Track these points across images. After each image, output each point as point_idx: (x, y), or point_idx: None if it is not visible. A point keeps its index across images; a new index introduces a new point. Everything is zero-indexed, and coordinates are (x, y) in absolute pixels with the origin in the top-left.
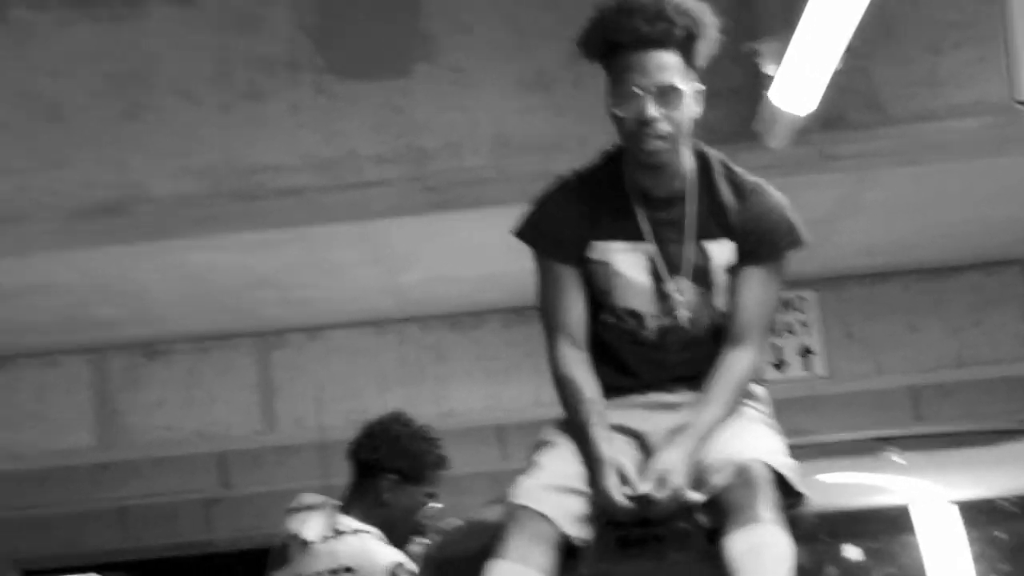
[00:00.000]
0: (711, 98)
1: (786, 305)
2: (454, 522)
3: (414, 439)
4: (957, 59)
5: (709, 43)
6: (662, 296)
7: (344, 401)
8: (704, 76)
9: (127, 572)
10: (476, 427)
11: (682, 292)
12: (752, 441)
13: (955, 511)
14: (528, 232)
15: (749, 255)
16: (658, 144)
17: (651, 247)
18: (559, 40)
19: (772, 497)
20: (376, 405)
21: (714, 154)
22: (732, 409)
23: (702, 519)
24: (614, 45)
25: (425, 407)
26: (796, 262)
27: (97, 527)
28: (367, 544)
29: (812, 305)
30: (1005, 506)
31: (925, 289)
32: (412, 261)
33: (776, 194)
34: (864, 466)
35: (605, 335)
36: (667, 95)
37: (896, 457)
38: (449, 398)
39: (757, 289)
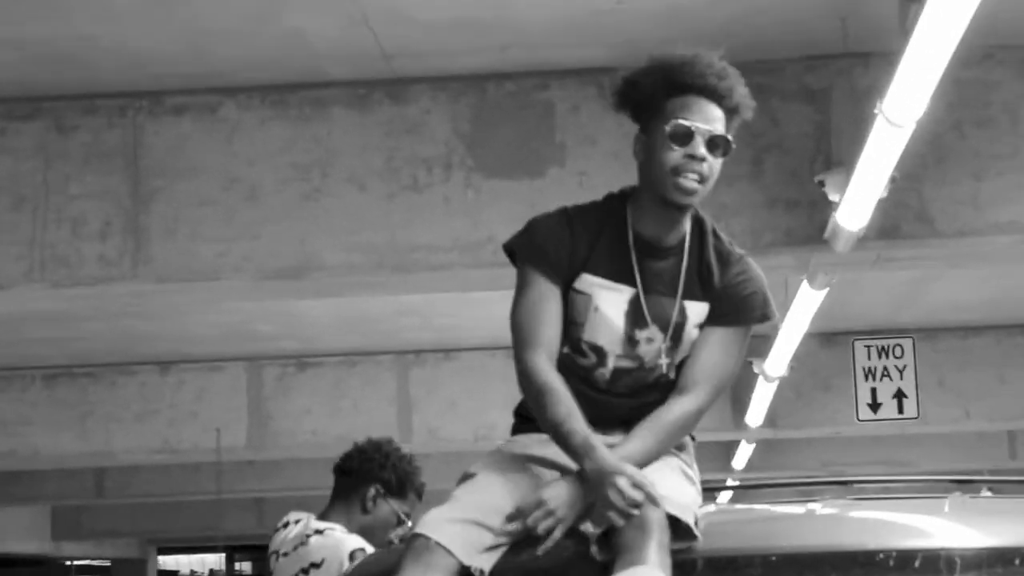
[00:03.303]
0: (793, 207)
1: (883, 352)
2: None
3: (403, 460)
4: (998, 185)
5: (740, 123)
6: (631, 342)
7: (473, 416)
8: (790, 190)
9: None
10: None
11: (651, 341)
12: (656, 483)
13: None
14: (520, 244)
15: (720, 317)
16: (696, 185)
17: (636, 292)
18: None
19: (661, 538)
20: (502, 420)
21: (708, 218)
22: (654, 452)
23: (595, 551)
24: (675, 88)
25: None
26: (894, 313)
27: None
28: (332, 537)
29: (908, 353)
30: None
31: (1016, 344)
32: None
33: (757, 269)
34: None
35: (560, 371)
36: (716, 144)
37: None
38: None
39: (716, 348)
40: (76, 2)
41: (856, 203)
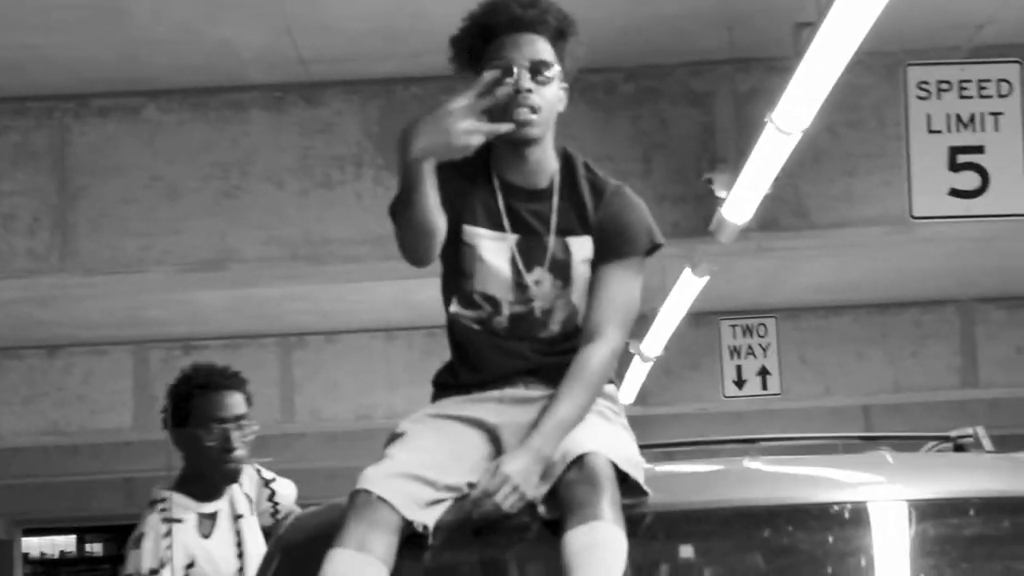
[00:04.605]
0: (680, 201)
1: (748, 331)
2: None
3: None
4: (868, 181)
5: (576, 47)
6: (520, 286)
7: (355, 397)
8: (677, 187)
9: None
10: None
11: (540, 283)
12: (597, 436)
13: None
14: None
15: (608, 253)
16: (530, 116)
17: (514, 238)
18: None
19: (612, 494)
20: (383, 401)
21: (577, 155)
22: (586, 406)
23: (542, 510)
24: (488, 32)
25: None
26: (759, 294)
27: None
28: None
29: (771, 332)
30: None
31: (873, 322)
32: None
33: (635, 197)
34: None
35: (457, 332)
36: (540, 70)
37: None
38: None
39: (614, 286)
40: (22, 15)
41: (741, 200)
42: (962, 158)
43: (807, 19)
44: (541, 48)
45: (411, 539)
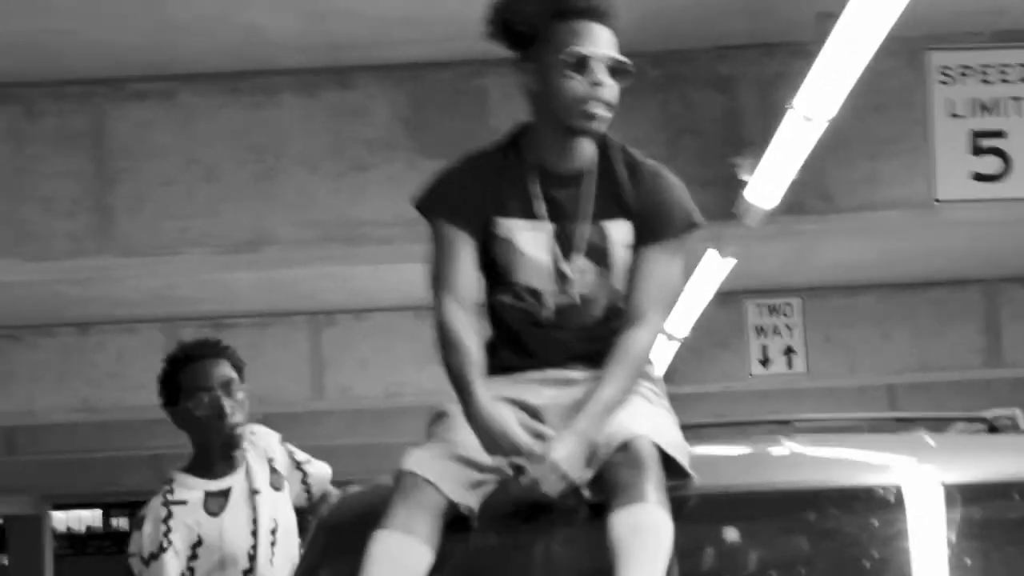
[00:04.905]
0: (707, 184)
1: (772, 310)
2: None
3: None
4: (892, 165)
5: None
6: (561, 275)
7: (384, 375)
8: (703, 170)
9: None
10: None
11: (580, 271)
12: (641, 419)
13: None
14: (426, 200)
15: (647, 235)
16: (605, 112)
17: (551, 226)
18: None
19: (657, 476)
20: (411, 378)
21: (613, 138)
22: (629, 389)
23: (587, 493)
24: (559, 14)
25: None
26: (784, 273)
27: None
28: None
29: (796, 311)
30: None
31: (898, 301)
32: None
33: (673, 178)
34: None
35: (504, 316)
36: (617, 67)
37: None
38: None
39: (654, 268)
40: (58, 1)
41: (767, 185)
42: (984, 142)
43: (828, 9)
44: (614, 44)
45: (456, 521)
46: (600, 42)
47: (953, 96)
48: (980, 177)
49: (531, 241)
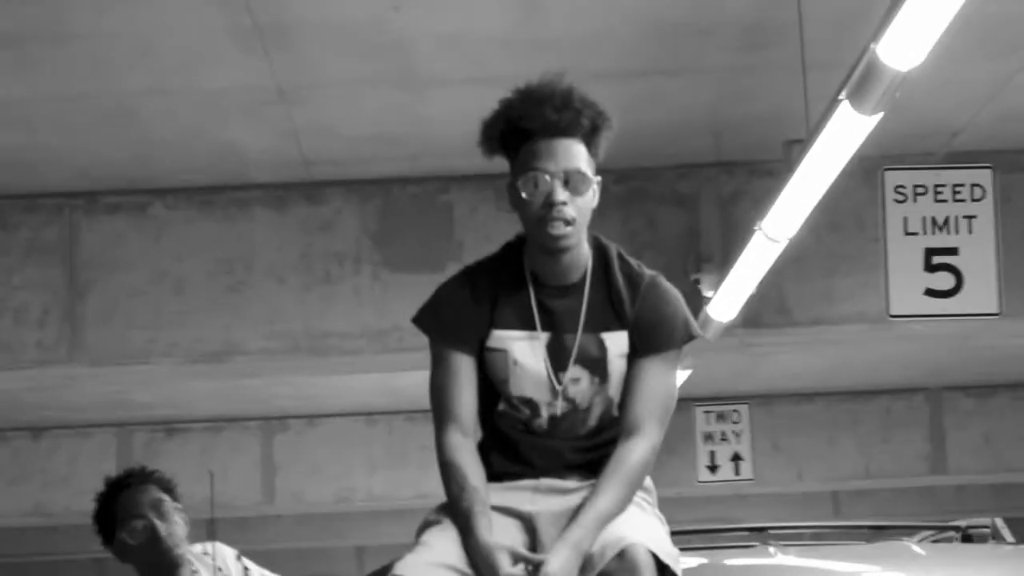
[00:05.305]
0: None
1: (721, 417)
2: None
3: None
4: (847, 282)
5: (609, 136)
6: (557, 386)
7: (335, 480)
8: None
9: None
10: None
11: (577, 381)
12: (636, 527)
13: None
14: (425, 319)
15: (645, 347)
16: (565, 229)
17: (546, 335)
18: None
19: None
20: (363, 483)
21: (611, 244)
22: (625, 500)
23: None
24: (521, 134)
25: (406, 489)
26: (733, 381)
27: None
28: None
29: (744, 418)
30: None
31: (844, 409)
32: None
33: (671, 288)
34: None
35: (499, 424)
36: (574, 181)
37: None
38: (429, 482)
39: (652, 380)
40: (42, 118)
41: (728, 300)
42: (937, 259)
43: (796, 136)
44: (576, 153)
45: None
46: (558, 158)
47: (907, 214)
48: (933, 293)
49: (527, 351)
